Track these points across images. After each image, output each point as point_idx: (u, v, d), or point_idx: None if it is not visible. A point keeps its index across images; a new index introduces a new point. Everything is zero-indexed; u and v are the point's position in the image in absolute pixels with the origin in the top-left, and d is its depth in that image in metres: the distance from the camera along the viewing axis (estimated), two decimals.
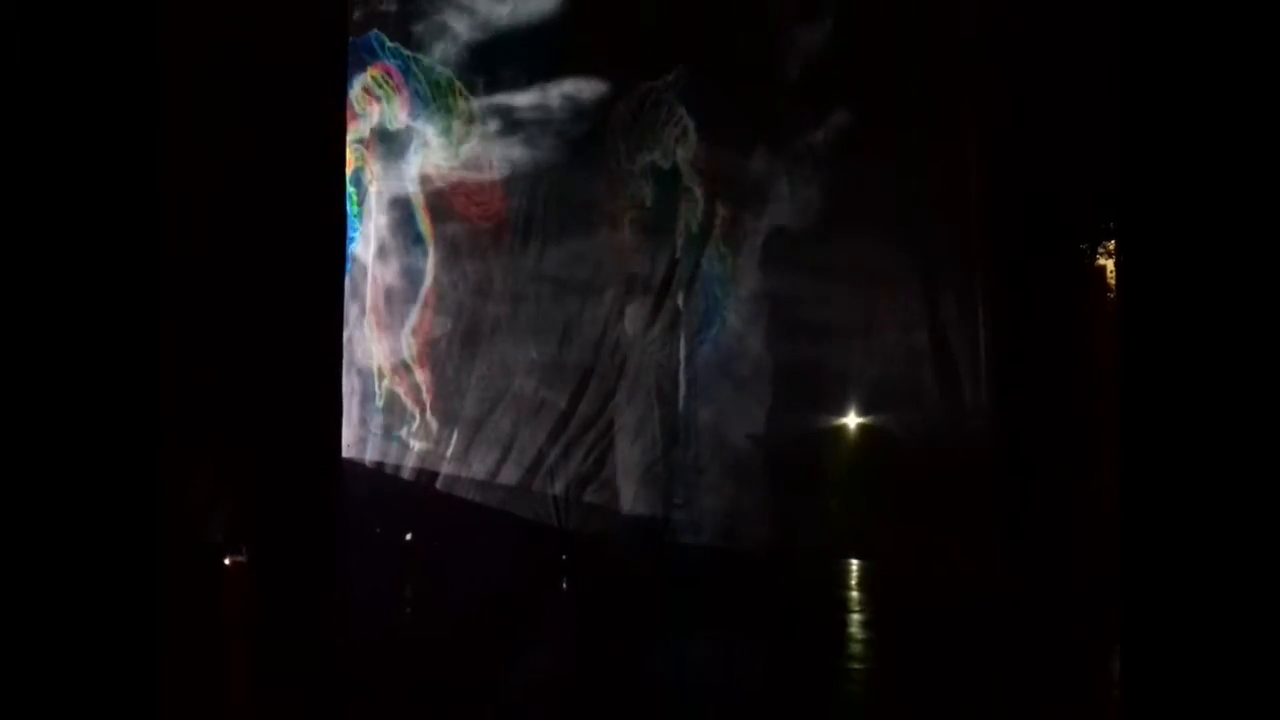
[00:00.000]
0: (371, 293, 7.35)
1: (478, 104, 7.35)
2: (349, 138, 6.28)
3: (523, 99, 7.30)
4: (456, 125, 7.37)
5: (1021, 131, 6.66)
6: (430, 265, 7.40)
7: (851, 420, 7.15)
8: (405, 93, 7.36)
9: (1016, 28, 6.70)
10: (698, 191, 7.53)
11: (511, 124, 7.34)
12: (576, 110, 7.31)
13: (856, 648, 6.30)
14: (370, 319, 7.30)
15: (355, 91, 7.08)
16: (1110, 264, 7.41)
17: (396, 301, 7.40)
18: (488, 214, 7.42)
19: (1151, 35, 3.23)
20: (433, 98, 7.36)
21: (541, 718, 5.23)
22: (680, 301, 7.31)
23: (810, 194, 7.35)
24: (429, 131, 7.37)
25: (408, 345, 7.36)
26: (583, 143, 7.37)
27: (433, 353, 7.37)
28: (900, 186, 7.19)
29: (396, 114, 7.37)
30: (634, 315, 7.28)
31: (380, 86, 7.33)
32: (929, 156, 7.12)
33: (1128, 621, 3.18)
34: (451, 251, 7.39)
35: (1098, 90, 6.14)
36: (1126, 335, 3.20)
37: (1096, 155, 6.22)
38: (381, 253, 7.35)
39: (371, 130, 7.35)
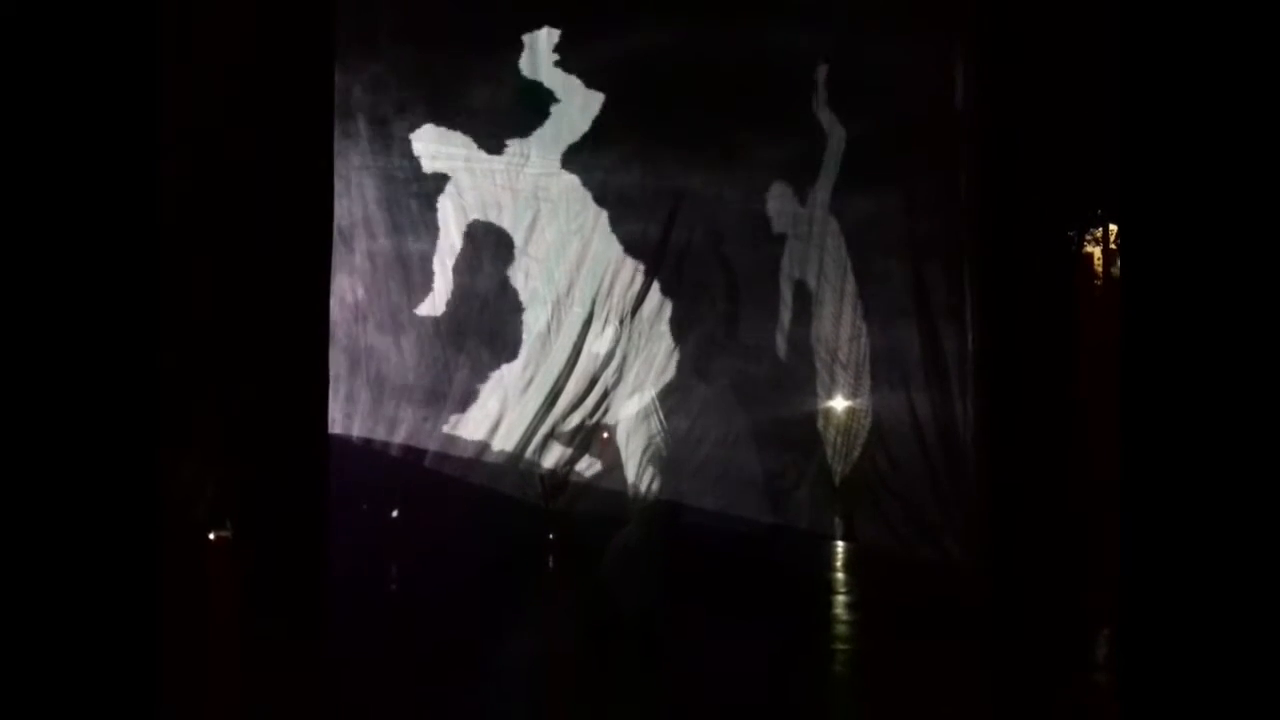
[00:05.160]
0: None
1: None
2: None
3: None
4: None
5: (1010, 118, 6.66)
6: None
7: (839, 404, 7.16)
8: None
9: (1006, 12, 6.70)
10: None
11: None
12: None
13: (841, 629, 6.35)
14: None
15: None
16: (1098, 250, 7.45)
17: None
18: None
19: (1150, 22, 3.22)
20: None
21: (528, 694, 5.24)
22: (673, 282, 7.28)
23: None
24: None
25: None
26: None
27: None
28: (889, 174, 7.20)
29: None
30: (623, 294, 7.26)
31: None
32: (918, 143, 7.11)
33: (1125, 611, 3.17)
34: None
35: (1087, 77, 6.17)
36: (1127, 329, 3.19)
37: (1085, 142, 6.24)
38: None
39: None
